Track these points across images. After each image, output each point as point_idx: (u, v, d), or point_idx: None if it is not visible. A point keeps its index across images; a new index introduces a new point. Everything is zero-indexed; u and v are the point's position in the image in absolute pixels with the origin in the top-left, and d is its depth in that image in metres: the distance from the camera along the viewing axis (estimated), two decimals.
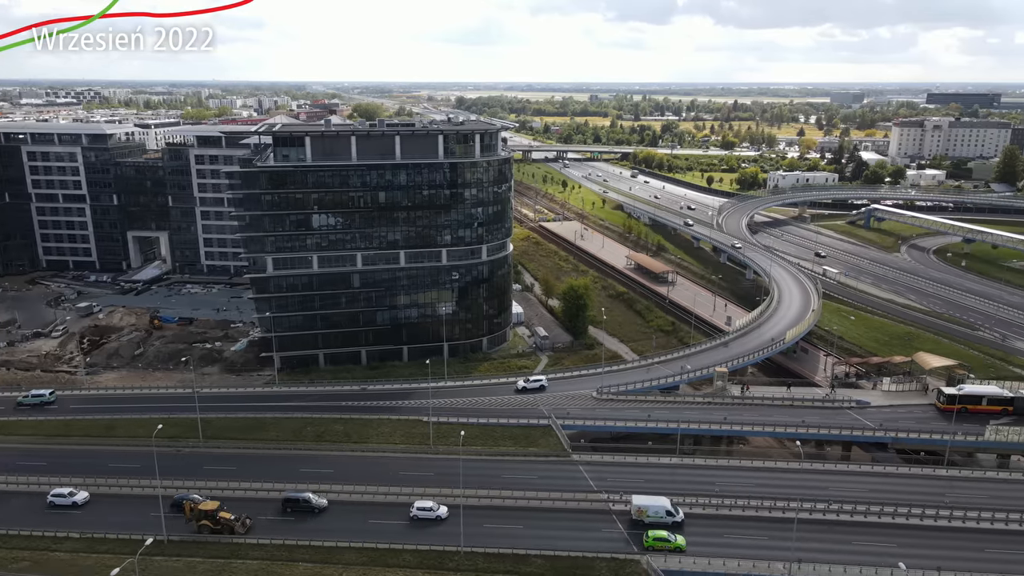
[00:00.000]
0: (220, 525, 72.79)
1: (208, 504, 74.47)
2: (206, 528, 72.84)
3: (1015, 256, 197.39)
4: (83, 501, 79.67)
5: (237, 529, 72.85)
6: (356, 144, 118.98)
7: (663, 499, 76.05)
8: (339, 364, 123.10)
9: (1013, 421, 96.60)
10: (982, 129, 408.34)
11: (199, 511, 73.46)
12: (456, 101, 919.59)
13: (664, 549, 69.77)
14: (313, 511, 76.74)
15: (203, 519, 73.04)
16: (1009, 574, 66.66)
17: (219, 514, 73.29)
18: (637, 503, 75.44)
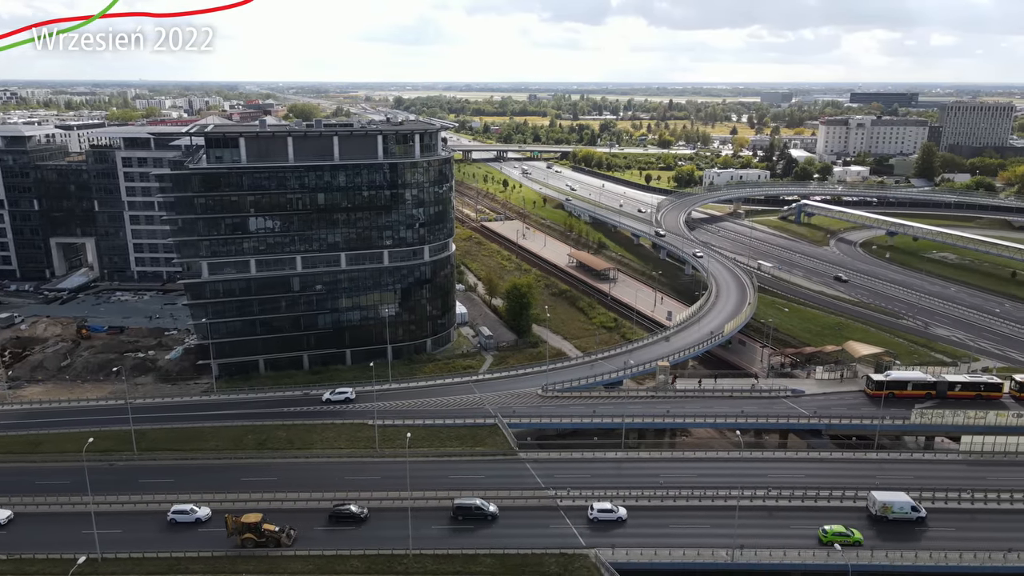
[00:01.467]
0: (265, 537, 69.81)
1: (251, 516, 71.05)
2: (250, 542, 69.58)
3: (934, 247, 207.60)
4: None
5: (283, 541, 70.02)
6: (293, 145, 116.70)
7: (903, 495, 75.85)
8: (280, 370, 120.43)
9: (936, 404, 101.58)
10: (902, 127, 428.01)
11: (242, 524, 69.93)
12: (394, 101, 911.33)
13: (844, 544, 69.72)
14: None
15: (246, 532, 69.69)
16: (932, 549, 69.91)
17: (263, 526, 70.14)
18: (881, 499, 75.15)
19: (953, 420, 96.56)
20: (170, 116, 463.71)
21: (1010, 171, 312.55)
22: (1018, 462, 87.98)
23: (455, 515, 75.17)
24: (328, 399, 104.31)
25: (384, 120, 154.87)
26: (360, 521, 74.82)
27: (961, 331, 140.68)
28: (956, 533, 73.40)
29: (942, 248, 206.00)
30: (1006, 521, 75.56)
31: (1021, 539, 71.85)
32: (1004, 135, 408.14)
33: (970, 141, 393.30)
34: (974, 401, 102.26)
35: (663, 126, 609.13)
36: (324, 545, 70.63)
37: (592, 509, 75.64)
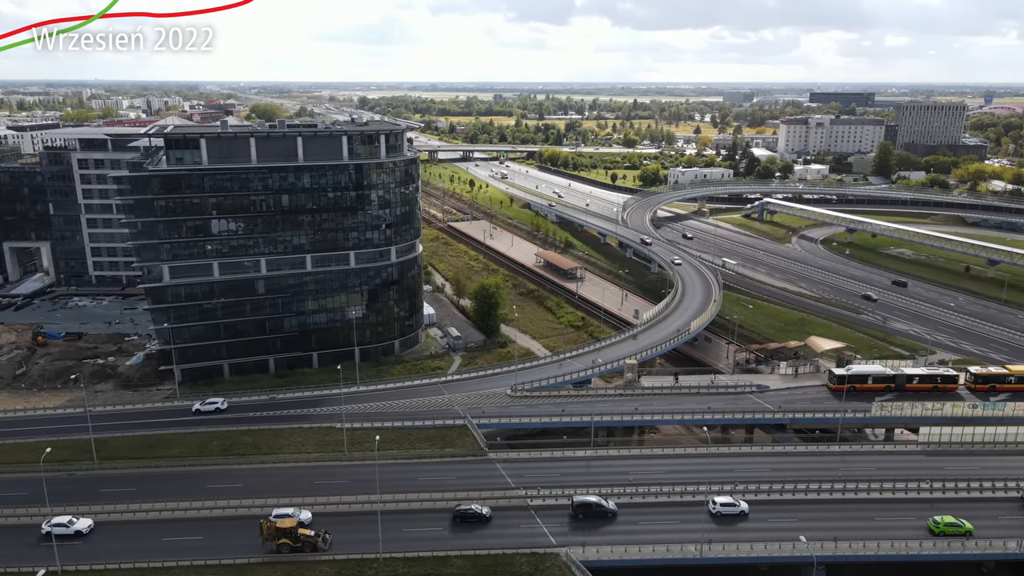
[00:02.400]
0: (301, 542, 68.72)
1: (286, 521, 69.80)
2: (285, 547, 68.39)
3: (892, 244, 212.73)
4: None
5: (320, 546, 69.02)
6: (256, 146, 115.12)
7: None
8: (245, 374, 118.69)
9: (895, 397, 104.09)
10: (859, 126, 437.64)
11: (277, 529, 68.84)
12: (359, 101, 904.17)
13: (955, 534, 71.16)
14: None
15: (282, 538, 68.55)
16: (896, 539, 71.62)
17: (299, 531, 69.05)
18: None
19: (912, 412, 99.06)
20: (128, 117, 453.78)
21: (963, 169, 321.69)
22: (974, 452, 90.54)
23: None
24: (198, 409, 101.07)
25: (349, 120, 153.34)
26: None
27: (918, 325, 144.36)
28: (915, 522, 75.27)
29: (899, 244, 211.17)
30: (963, 510, 77.53)
31: (979, 527, 73.91)
32: (957, 134, 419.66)
33: (925, 140, 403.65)
34: (931, 393, 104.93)
35: (628, 126, 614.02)
36: None
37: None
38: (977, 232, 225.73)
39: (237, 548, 69.69)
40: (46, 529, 71.56)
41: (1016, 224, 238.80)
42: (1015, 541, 71.03)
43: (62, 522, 72.41)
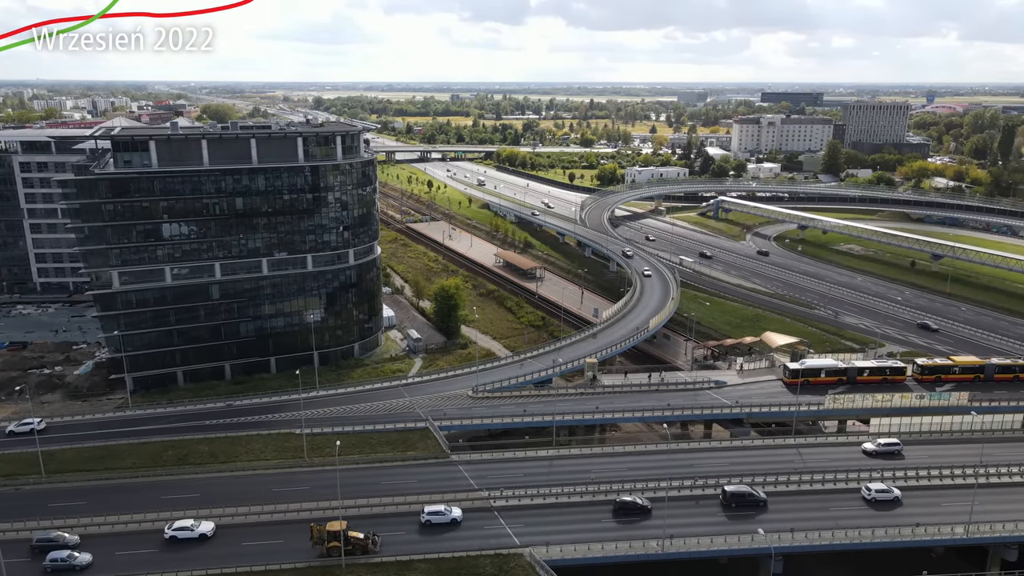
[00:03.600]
0: (351, 545, 68.31)
1: (335, 524, 68.95)
2: (336, 550, 67.76)
3: (842, 240, 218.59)
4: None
5: (370, 548, 69.04)
6: (208, 148, 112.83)
7: None
8: (201, 381, 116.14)
9: (847, 389, 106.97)
10: (809, 125, 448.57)
11: (327, 533, 68.22)
12: (314, 102, 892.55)
13: None
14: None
15: (332, 541, 67.97)
16: (849, 528, 73.65)
17: (348, 533, 68.41)
18: None
19: (863, 404, 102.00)
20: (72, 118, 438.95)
21: (907, 166, 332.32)
22: (922, 441, 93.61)
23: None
24: (12, 431, 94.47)
25: (304, 121, 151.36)
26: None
27: (868, 319, 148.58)
28: (867, 510, 77.46)
29: (848, 240, 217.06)
30: (912, 497, 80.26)
31: (927, 514, 76.53)
32: (901, 132, 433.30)
33: (871, 138, 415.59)
34: (881, 385, 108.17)
35: (585, 125, 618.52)
36: (253, 560, 68.39)
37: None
38: (921, 228, 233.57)
39: (196, 560, 68.21)
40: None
41: (958, 220, 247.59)
42: (962, 527, 73.65)
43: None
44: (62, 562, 67.55)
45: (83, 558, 68.33)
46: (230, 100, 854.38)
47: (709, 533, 72.30)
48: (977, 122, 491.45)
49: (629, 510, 76.20)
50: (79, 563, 67.69)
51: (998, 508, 77.20)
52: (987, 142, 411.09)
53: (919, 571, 68.33)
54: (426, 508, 75.45)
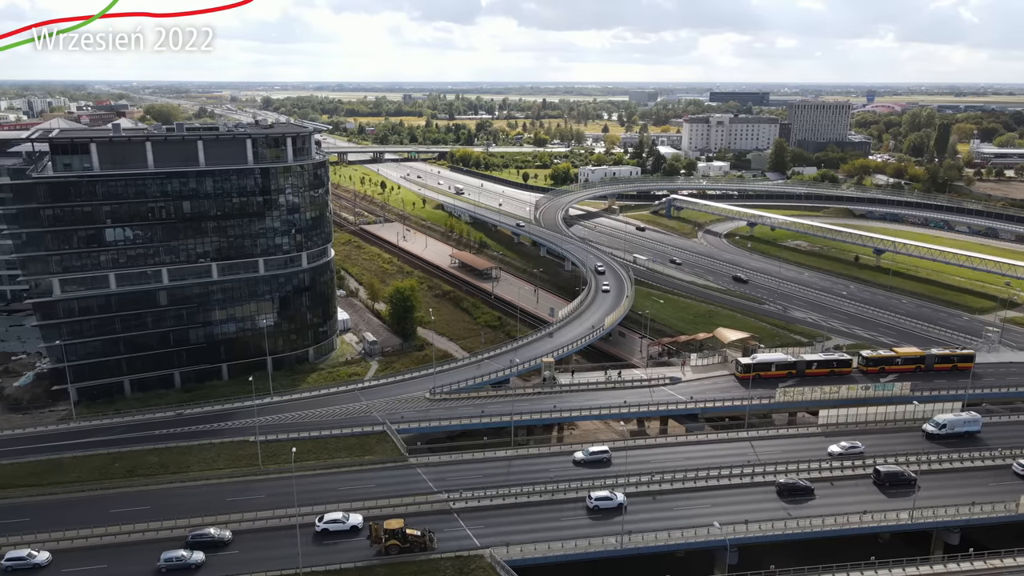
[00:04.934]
0: (409, 542, 69.57)
1: (393, 522, 70.48)
2: (394, 548, 69.35)
3: (789, 236, 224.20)
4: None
5: (428, 545, 70.24)
6: (152, 150, 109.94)
7: None
8: (149, 390, 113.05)
9: (797, 382, 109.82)
10: (756, 124, 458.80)
11: (387, 531, 69.49)
12: (263, 102, 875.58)
13: None
14: None
15: (391, 539, 69.38)
16: (799, 518, 75.66)
17: (406, 531, 69.83)
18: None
19: (811, 396, 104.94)
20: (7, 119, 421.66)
21: (850, 164, 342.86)
22: (868, 431, 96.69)
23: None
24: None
25: (252, 122, 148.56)
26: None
27: (815, 313, 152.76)
28: (817, 500, 79.73)
29: (796, 236, 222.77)
30: (858, 486, 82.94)
31: (874, 501, 79.18)
32: (843, 131, 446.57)
33: (815, 137, 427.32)
34: (829, 377, 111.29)
35: (538, 125, 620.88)
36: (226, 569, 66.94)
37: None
38: (864, 224, 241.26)
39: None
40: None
41: (898, 215, 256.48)
42: (907, 513, 76.34)
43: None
44: None
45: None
46: (175, 100, 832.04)
47: (666, 527, 73.30)
48: (914, 121, 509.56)
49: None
50: None
51: (941, 494, 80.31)
52: (924, 140, 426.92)
53: (867, 557, 70.50)
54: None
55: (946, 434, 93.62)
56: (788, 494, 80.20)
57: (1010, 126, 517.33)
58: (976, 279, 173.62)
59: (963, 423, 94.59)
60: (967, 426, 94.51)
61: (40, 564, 68.46)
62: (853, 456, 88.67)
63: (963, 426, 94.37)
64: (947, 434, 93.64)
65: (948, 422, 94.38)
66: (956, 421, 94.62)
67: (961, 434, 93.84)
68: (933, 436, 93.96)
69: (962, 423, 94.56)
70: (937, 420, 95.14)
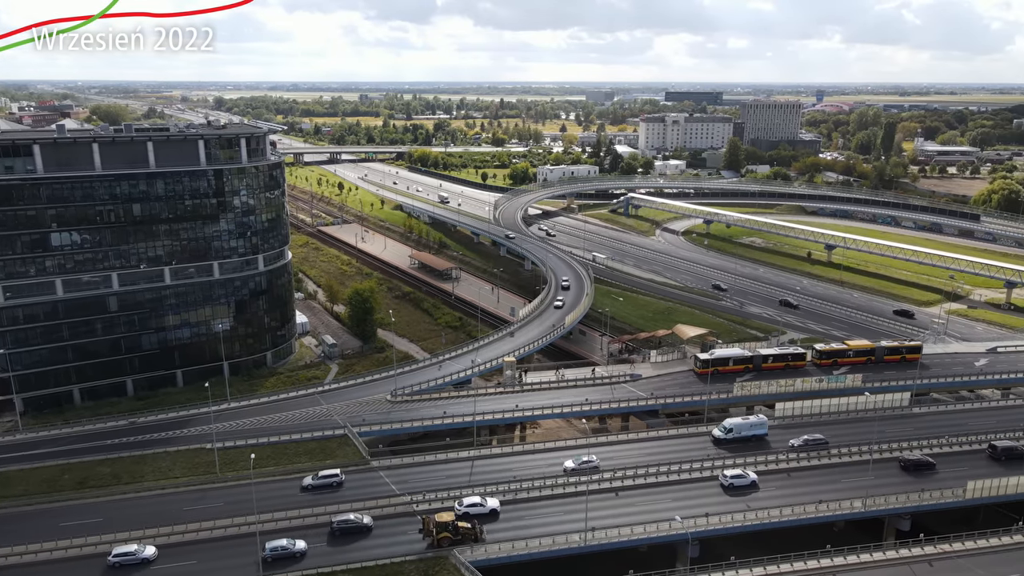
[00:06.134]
0: (460, 535, 70.79)
1: (444, 515, 72.10)
2: (446, 540, 70.49)
3: (744, 233, 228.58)
4: None
5: (479, 536, 71.80)
6: (100, 152, 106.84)
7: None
8: (100, 398, 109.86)
9: (754, 377, 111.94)
10: (711, 123, 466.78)
11: (438, 523, 70.83)
12: (215, 102, 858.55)
13: None
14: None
15: (443, 532, 70.65)
16: (757, 510, 77.20)
17: (457, 524, 71.21)
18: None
19: (768, 390, 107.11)
20: None
21: (801, 162, 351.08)
22: (822, 422, 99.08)
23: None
24: None
25: (205, 123, 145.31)
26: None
27: (770, 308, 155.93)
28: (777, 491, 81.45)
29: (750, 234, 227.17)
30: (815, 476, 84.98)
31: (829, 491, 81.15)
32: (794, 130, 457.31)
33: (768, 136, 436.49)
34: (784, 371, 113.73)
35: (496, 125, 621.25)
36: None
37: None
38: (815, 220, 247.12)
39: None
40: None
41: (848, 212, 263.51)
42: (860, 501, 78.51)
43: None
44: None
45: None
46: (123, 100, 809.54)
47: (629, 523, 74.04)
48: (862, 120, 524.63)
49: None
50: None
51: (891, 481, 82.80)
52: (871, 138, 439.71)
53: (823, 546, 72.23)
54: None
55: (733, 438, 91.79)
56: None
57: (952, 124, 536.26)
58: (922, 273, 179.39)
59: (750, 427, 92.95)
60: (754, 429, 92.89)
61: (148, 559, 68.72)
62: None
63: (750, 429, 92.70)
64: (734, 438, 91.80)
65: (735, 426, 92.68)
66: (743, 425, 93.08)
67: (748, 438, 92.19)
68: (720, 441, 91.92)
69: (749, 427, 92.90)
70: (724, 424, 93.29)
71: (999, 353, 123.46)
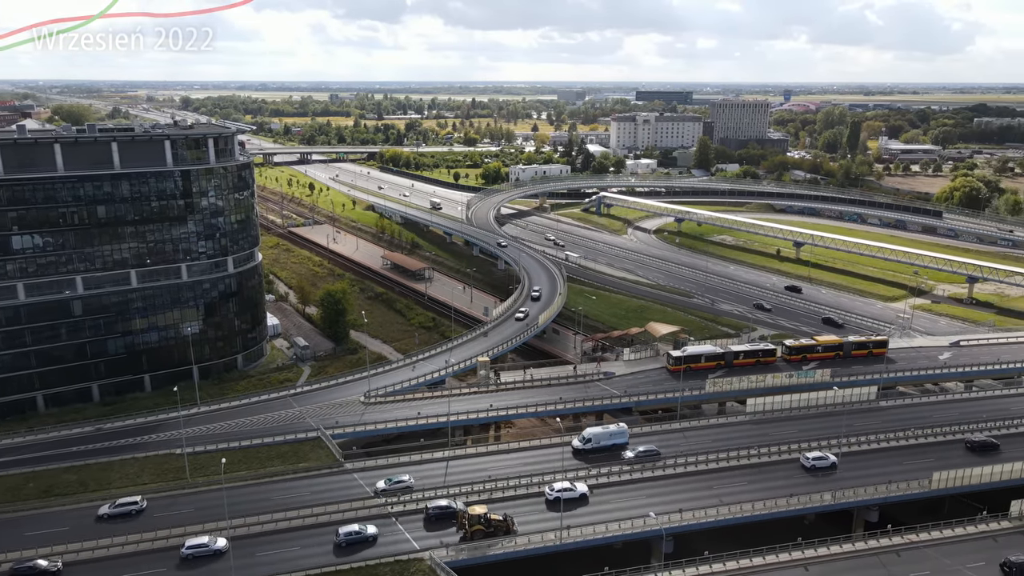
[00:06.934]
0: (493, 527, 71.72)
1: (477, 508, 72.94)
2: (479, 532, 71.49)
3: (715, 231, 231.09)
4: None
5: (512, 528, 72.77)
6: (62, 153, 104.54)
7: None
8: (65, 405, 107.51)
9: (725, 373, 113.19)
10: (681, 123, 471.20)
11: (471, 517, 71.78)
12: (182, 102, 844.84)
13: None
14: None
15: (476, 524, 71.57)
16: (730, 504, 78.00)
17: (490, 516, 72.10)
18: None
19: (739, 386, 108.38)
20: None
21: (770, 161, 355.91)
22: (792, 417, 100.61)
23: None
24: None
25: (171, 123, 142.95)
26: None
27: (741, 305, 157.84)
28: (747, 486, 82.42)
29: (721, 231, 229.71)
30: (784, 470, 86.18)
31: (799, 484, 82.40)
32: (763, 129, 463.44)
33: (737, 135, 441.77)
34: (755, 367, 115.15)
35: (468, 124, 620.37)
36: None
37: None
38: (784, 218, 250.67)
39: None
40: None
41: (815, 209, 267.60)
42: (830, 494, 79.82)
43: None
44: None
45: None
46: (86, 100, 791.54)
47: (603, 520, 74.39)
48: (828, 119, 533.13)
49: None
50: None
51: (860, 474, 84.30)
52: (837, 137, 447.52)
53: (795, 538, 73.26)
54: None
55: (591, 448, 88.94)
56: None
57: (915, 123, 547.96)
58: (888, 269, 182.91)
59: (609, 436, 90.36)
60: (613, 439, 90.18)
61: (220, 550, 69.30)
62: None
63: (609, 439, 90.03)
64: (592, 448, 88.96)
65: (594, 436, 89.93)
66: (602, 434, 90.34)
67: (608, 447, 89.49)
68: (579, 451, 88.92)
69: (608, 436, 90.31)
70: (583, 434, 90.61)
71: (962, 347, 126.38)
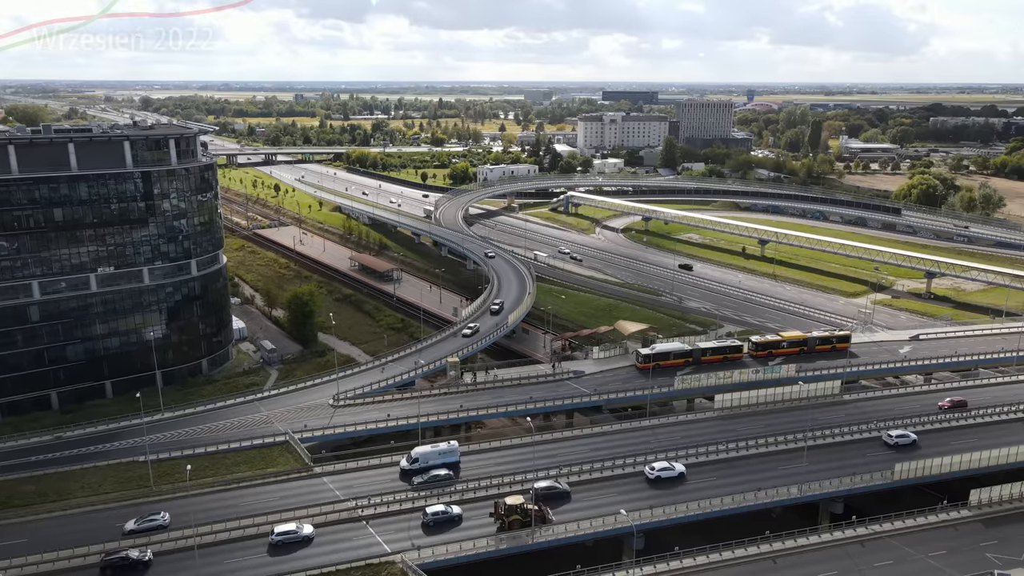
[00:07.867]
0: (529, 517, 72.40)
1: (514, 499, 73.79)
2: (517, 523, 72.55)
3: (682, 230, 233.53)
4: None
5: (548, 517, 73.97)
6: (16, 154, 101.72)
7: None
8: (22, 413, 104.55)
9: (693, 370, 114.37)
10: (647, 122, 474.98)
11: (508, 507, 72.73)
12: (141, 102, 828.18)
13: None
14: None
15: (513, 515, 72.46)
16: (700, 499, 78.85)
17: (527, 507, 72.59)
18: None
19: (707, 382, 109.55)
20: None
21: (734, 160, 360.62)
22: (759, 412, 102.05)
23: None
24: None
25: (131, 124, 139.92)
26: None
27: (708, 302, 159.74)
28: (716, 481, 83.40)
29: (688, 230, 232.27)
30: (753, 464, 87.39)
31: (766, 478, 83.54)
32: (727, 128, 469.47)
33: (702, 134, 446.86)
34: (722, 363, 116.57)
35: (435, 124, 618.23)
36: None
37: None
38: (749, 216, 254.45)
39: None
40: None
41: (779, 207, 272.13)
42: (796, 487, 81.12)
43: None
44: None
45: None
46: (41, 100, 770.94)
47: (576, 519, 74.61)
48: (790, 118, 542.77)
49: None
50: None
51: (824, 467, 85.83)
52: (799, 136, 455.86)
53: (763, 532, 74.31)
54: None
55: (419, 468, 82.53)
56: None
57: (873, 123, 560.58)
58: (849, 265, 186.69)
59: (439, 455, 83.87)
60: (443, 458, 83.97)
61: (309, 537, 71.30)
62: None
63: (439, 458, 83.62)
64: (420, 468, 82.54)
65: (421, 455, 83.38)
66: (431, 454, 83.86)
67: (437, 466, 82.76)
68: (407, 472, 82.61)
69: (437, 455, 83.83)
70: (411, 454, 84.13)
71: (921, 340, 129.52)
